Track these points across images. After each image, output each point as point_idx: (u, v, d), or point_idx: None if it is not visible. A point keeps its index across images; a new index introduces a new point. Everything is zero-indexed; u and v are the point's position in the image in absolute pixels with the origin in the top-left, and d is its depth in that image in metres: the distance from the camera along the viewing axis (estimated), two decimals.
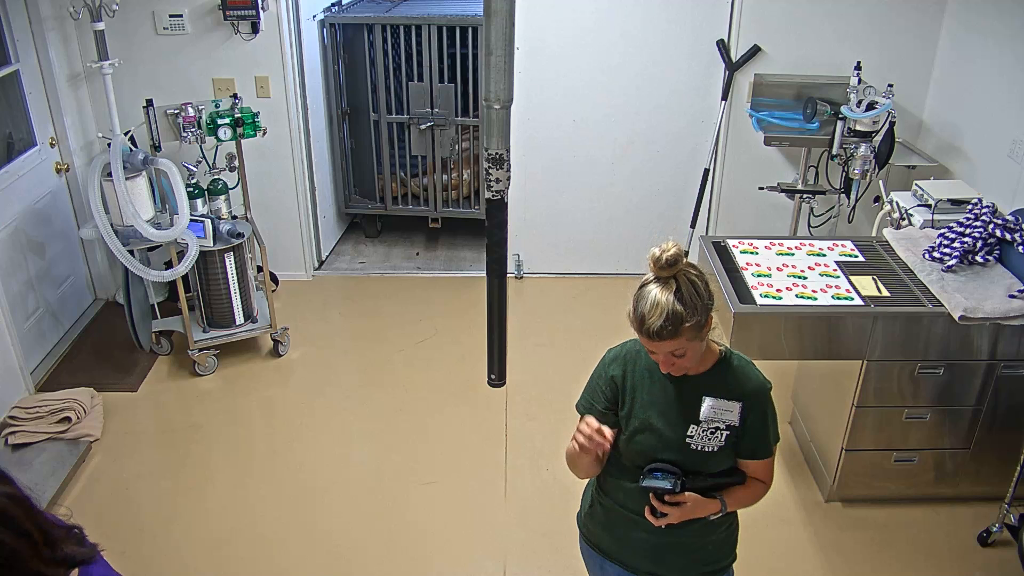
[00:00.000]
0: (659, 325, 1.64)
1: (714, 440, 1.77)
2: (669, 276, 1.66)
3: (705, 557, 1.90)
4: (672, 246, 1.67)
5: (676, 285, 1.66)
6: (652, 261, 1.67)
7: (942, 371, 2.89)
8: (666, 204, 4.67)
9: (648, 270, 1.70)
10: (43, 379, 3.86)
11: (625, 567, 1.93)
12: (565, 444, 3.51)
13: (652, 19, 4.27)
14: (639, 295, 1.68)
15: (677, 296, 1.64)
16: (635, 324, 1.69)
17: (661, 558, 1.88)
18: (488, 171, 1.58)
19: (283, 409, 3.75)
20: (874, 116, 3.70)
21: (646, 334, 1.67)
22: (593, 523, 1.98)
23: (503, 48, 1.46)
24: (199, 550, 2.96)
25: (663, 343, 1.67)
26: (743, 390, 1.78)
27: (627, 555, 1.92)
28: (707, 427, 1.76)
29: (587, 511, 2.01)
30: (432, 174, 5.06)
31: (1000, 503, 2.93)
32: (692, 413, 1.77)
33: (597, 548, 1.98)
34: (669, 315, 1.63)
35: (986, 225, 3.00)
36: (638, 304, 1.68)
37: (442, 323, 4.38)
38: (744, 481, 1.83)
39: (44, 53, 3.97)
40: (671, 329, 1.64)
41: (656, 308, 1.64)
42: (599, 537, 1.97)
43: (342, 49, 4.90)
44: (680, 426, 1.77)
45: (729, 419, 1.76)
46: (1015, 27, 3.52)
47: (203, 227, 3.70)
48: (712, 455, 1.78)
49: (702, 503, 1.77)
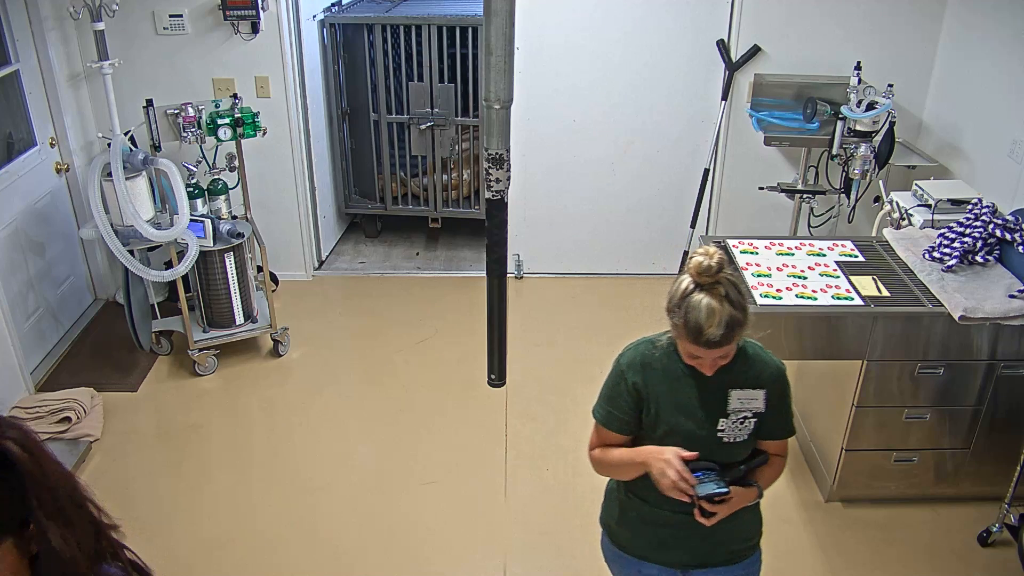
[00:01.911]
0: (720, 334, 1.62)
1: (743, 429, 1.78)
2: (713, 282, 1.64)
3: (741, 535, 1.93)
4: (714, 252, 1.64)
5: (723, 290, 1.64)
6: (697, 270, 1.64)
7: (942, 371, 2.89)
8: (666, 204, 4.67)
9: (686, 276, 1.67)
10: (43, 379, 3.86)
11: (665, 565, 1.94)
12: (565, 444, 3.52)
13: (652, 19, 4.27)
14: (687, 305, 1.64)
15: (727, 301, 1.63)
16: (689, 336, 1.66)
17: (703, 549, 1.90)
18: (488, 171, 1.58)
19: (283, 409, 3.75)
20: (874, 116, 3.71)
21: (704, 344, 1.64)
22: (627, 529, 1.96)
23: (503, 48, 1.46)
24: (199, 550, 2.96)
25: (718, 350, 1.66)
26: (764, 377, 1.79)
27: (668, 554, 1.92)
28: (735, 418, 1.77)
29: (617, 519, 1.98)
30: (432, 174, 5.06)
31: (1000, 503, 2.92)
32: (720, 407, 1.77)
33: (633, 552, 1.96)
34: (727, 322, 1.62)
35: (986, 225, 3.00)
36: (689, 315, 1.64)
37: (442, 323, 4.38)
38: (768, 460, 1.85)
39: (44, 53, 3.97)
40: (728, 335, 1.63)
41: (713, 317, 1.61)
42: (634, 542, 1.95)
43: (342, 49, 4.90)
44: (710, 422, 1.77)
45: (755, 407, 1.78)
46: (1015, 27, 3.52)
47: (203, 227, 3.70)
48: (742, 444, 1.80)
49: (744, 493, 1.78)
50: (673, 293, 1.70)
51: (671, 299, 1.70)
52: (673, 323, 1.70)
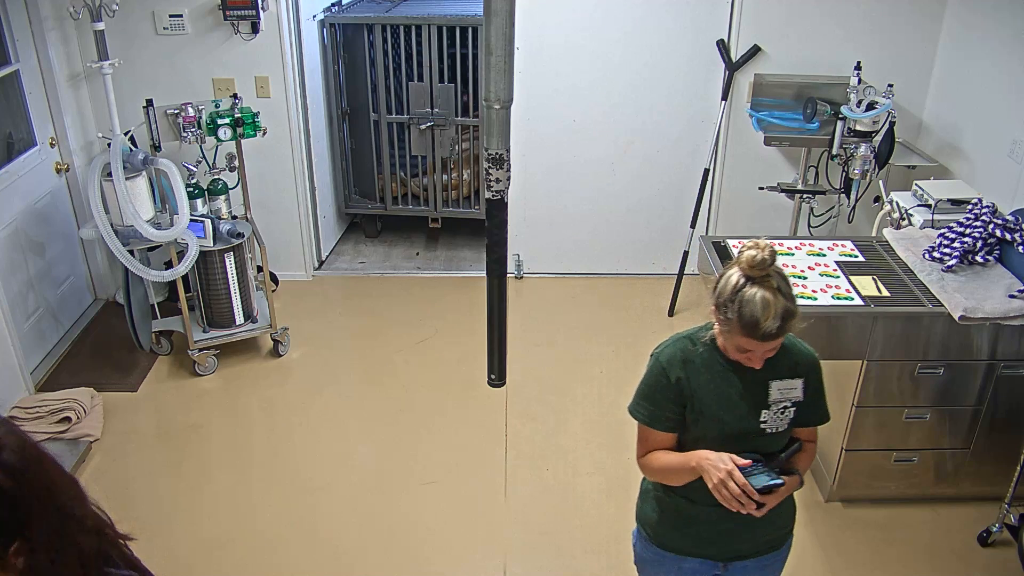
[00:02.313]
0: (777, 326, 1.62)
1: (784, 419, 1.80)
2: (764, 275, 1.64)
3: (781, 522, 1.94)
4: (765, 244, 1.64)
5: (774, 282, 1.64)
6: (750, 264, 1.64)
7: (942, 371, 2.89)
8: (666, 204, 4.67)
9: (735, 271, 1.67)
10: (43, 379, 3.86)
11: (708, 558, 1.94)
12: (565, 444, 3.52)
13: (652, 19, 4.27)
14: (740, 300, 1.64)
15: (780, 293, 1.63)
16: (743, 330, 1.65)
17: (746, 540, 1.91)
18: (488, 171, 1.57)
19: (283, 409, 3.75)
20: (874, 116, 3.70)
21: (761, 338, 1.64)
22: (668, 528, 1.95)
23: (503, 48, 1.46)
24: (199, 550, 2.96)
25: (772, 342, 1.66)
26: (802, 366, 1.81)
27: (712, 548, 1.93)
28: (776, 408, 1.78)
29: (657, 519, 1.97)
30: (432, 174, 5.06)
31: (1000, 503, 2.92)
32: (761, 399, 1.78)
33: (675, 549, 1.96)
34: (783, 314, 1.63)
35: (986, 225, 3.00)
36: (744, 309, 1.63)
37: (442, 323, 4.38)
38: (802, 447, 1.86)
39: (44, 53, 3.97)
40: (783, 327, 1.63)
41: (768, 309, 1.62)
42: (676, 539, 1.95)
43: (342, 49, 4.90)
44: (753, 415, 1.78)
45: (795, 396, 1.80)
46: (1015, 27, 3.52)
47: (203, 227, 3.70)
48: (783, 434, 1.82)
49: (790, 482, 1.78)
50: (722, 289, 1.69)
51: (719, 295, 1.69)
52: (723, 319, 1.69)
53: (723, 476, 1.69)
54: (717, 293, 1.71)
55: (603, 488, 3.26)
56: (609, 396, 3.78)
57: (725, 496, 1.70)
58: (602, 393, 3.81)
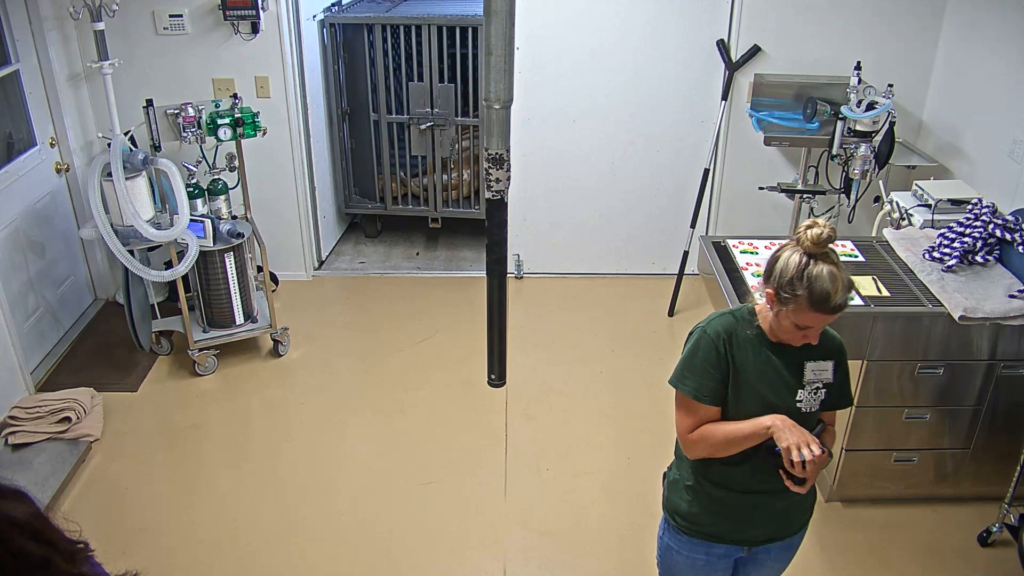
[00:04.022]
0: (846, 297, 1.70)
1: (816, 399, 1.87)
2: (824, 251, 1.71)
3: (806, 506, 2.02)
4: (823, 221, 1.72)
5: (833, 256, 1.72)
6: (815, 241, 1.70)
7: (942, 371, 2.89)
8: (666, 204, 4.67)
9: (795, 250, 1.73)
10: (43, 379, 3.86)
11: (740, 543, 1.99)
12: (565, 444, 3.52)
13: (652, 19, 4.27)
14: (808, 276, 1.69)
15: (840, 266, 1.71)
16: (813, 306, 1.70)
17: (780, 520, 1.97)
18: (488, 171, 1.57)
19: (283, 409, 3.75)
20: (874, 116, 3.70)
21: (831, 310, 1.71)
22: (702, 514, 1.97)
23: (503, 48, 1.46)
24: (199, 550, 2.96)
25: (836, 315, 1.72)
26: (832, 349, 1.89)
27: (747, 532, 1.97)
28: (810, 389, 1.85)
29: (687, 507, 1.98)
30: (432, 174, 5.06)
31: (1000, 503, 2.93)
32: (797, 379, 1.84)
33: (705, 535, 1.98)
34: (848, 286, 1.71)
35: (986, 225, 3.00)
36: (815, 284, 1.69)
37: (442, 323, 4.38)
38: (826, 428, 1.91)
39: (44, 53, 3.96)
40: (848, 298, 1.71)
41: (837, 282, 1.69)
42: (710, 525, 1.97)
43: (342, 49, 4.90)
44: (790, 393, 1.84)
45: (826, 378, 1.86)
46: (1015, 27, 3.52)
47: (203, 227, 3.70)
48: (813, 415, 1.87)
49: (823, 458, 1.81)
50: (784, 268, 1.74)
51: (781, 276, 1.74)
52: (789, 297, 1.72)
53: (806, 438, 1.74)
54: (777, 275, 1.75)
55: (603, 488, 3.26)
56: (609, 396, 3.78)
57: (794, 441, 1.74)
58: (602, 393, 3.82)
